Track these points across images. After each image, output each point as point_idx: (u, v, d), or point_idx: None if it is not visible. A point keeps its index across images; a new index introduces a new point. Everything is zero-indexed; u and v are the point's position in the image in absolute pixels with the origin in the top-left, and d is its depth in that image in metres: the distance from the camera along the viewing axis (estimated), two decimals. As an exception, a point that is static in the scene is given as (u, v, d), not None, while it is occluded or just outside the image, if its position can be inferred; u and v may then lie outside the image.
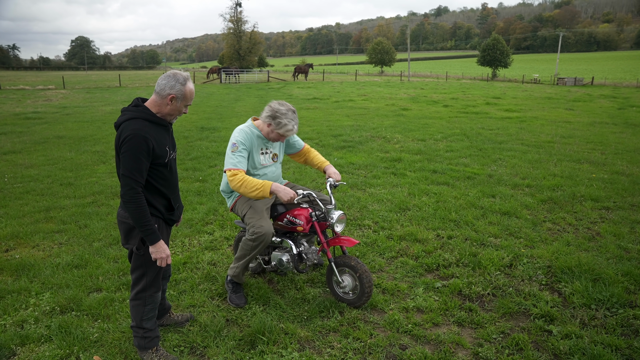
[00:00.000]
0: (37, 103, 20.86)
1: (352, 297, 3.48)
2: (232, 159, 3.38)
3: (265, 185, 3.25)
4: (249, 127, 3.52)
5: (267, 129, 3.46)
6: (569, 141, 10.58)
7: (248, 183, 3.26)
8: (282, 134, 3.44)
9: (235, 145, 3.40)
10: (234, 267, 3.61)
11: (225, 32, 76.64)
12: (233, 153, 3.40)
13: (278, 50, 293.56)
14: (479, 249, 4.51)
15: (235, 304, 3.55)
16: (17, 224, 5.22)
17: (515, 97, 24.56)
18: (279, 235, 3.71)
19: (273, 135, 3.48)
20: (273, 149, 3.66)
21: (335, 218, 3.44)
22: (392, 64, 74.14)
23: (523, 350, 2.99)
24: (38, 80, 45.21)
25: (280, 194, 3.26)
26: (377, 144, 10.22)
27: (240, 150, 3.40)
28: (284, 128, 3.41)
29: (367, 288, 3.36)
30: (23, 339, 3.06)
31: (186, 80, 2.61)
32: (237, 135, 3.46)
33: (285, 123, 3.39)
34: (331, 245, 3.48)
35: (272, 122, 3.41)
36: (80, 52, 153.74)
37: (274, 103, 3.47)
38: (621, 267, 4.03)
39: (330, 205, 3.53)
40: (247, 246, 3.47)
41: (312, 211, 3.50)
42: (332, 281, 3.57)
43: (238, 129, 3.52)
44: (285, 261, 3.58)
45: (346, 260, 3.44)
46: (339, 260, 3.48)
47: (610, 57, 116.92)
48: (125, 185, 2.49)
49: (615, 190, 6.47)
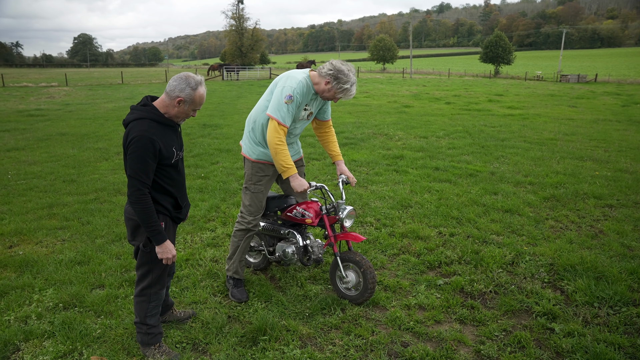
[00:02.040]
0: (40, 100, 20.91)
1: (355, 294, 3.48)
2: (283, 110, 3.18)
3: (290, 170, 3.23)
4: (307, 81, 3.29)
5: (324, 86, 3.25)
6: (571, 138, 10.54)
7: (282, 154, 3.20)
8: (340, 95, 3.25)
9: (291, 97, 3.19)
10: (230, 263, 3.67)
11: (227, 29, 76.63)
12: (287, 104, 3.18)
13: (280, 47, 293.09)
14: (481, 247, 4.51)
15: (237, 298, 3.56)
16: (21, 221, 5.24)
17: (518, 94, 24.49)
18: (287, 226, 3.71)
19: (329, 94, 3.28)
20: (312, 107, 3.45)
21: (345, 213, 3.44)
22: (394, 61, 73.98)
23: (525, 348, 2.99)
24: (41, 77, 45.29)
25: (295, 184, 3.25)
26: (379, 141, 10.20)
27: (294, 104, 3.23)
28: (347, 93, 3.23)
29: (370, 284, 3.37)
30: (27, 335, 3.08)
31: (198, 85, 2.57)
32: (296, 87, 3.22)
33: (348, 88, 3.21)
34: (338, 240, 3.49)
35: (334, 82, 3.21)
36: (83, 49, 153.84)
37: (336, 62, 3.25)
38: (624, 265, 4.02)
39: (340, 201, 3.52)
40: (236, 236, 3.60)
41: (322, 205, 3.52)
42: (335, 276, 3.57)
43: (297, 79, 3.25)
44: (291, 253, 3.60)
45: (351, 256, 3.44)
46: (344, 256, 3.48)
47: (614, 54, 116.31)
48: (132, 187, 2.50)
49: (619, 187, 6.45)
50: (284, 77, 3.32)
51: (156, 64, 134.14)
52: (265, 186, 3.53)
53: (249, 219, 3.54)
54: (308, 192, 3.34)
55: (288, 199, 3.73)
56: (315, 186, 3.37)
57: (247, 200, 3.53)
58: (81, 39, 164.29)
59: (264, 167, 3.47)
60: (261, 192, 3.52)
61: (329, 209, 3.48)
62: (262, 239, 3.90)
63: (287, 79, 3.28)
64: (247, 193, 3.53)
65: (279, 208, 3.72)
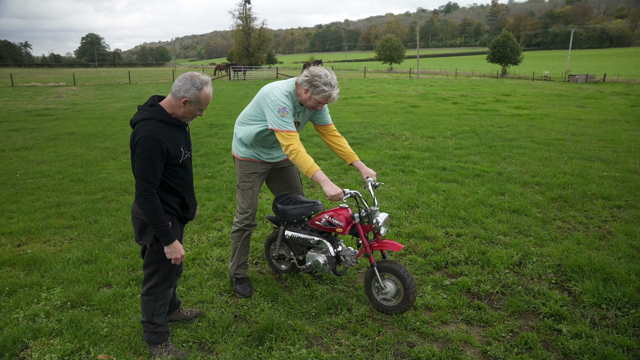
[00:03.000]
0: (49, 100, 21.08)
1: (395, 303, 3.32)
2: (283, 121, 3.20)
3: (312, 168, 3.13)
4: (291, 93, 3.30)
5: (304, 95, 3.25)
6: (579, 139, 10.46)
7: (299, 158, 3.15)
8: (320, 100, 3.21)
9: (285, 110, 3.20)
10: (231, 265, 3.76)
11: (234, 29, 76.88)
12: (283, 118, 3.20)
13: (287, 47, 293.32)
14: (488, 247, 4.49)
15: (241, 294, 3.63)
16: (29, 219, 5.29)
17: (526, 94, 24.33)
18: (316, 234, 3.52)
19: (311, 102, 3.26)
20: (299, 117, 3.46)
21: (381, 221, 3.26)
22: (401, 60, 73.79)
23: (532, 349, 2.97)
24: (49, 77, 45.65)
25: (328, 188, 3.10)
26: (386, 141, 10.18)
27: (290, 115, 3.23)
28: (325, 96, 3.19)
29: (411, 295, 3.22)
30: (35, 333, 3.10)
31: (203, 85, 2.55)
32: (285, 100, 3.24)
33: (325, 90, 3.17)
34: (374, 249, 3.32)
35: (311, 88, 3.19)
36: (91, 49, 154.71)
37: (314, 68, 3.26)
38: (633, 267, 3.98)
39: (374, 207, 3.29)
40: (233, 238, 3.69)
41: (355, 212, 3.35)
42: (371, 287, 3.41)
43: (283, 93, 3.26)
44: (322, 263, 3.43)
45: (391, 266, 3.27)
46: (382, 265, 3.31)
47: (623, 54, 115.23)
48: (140, 187, 2.51)
49: (627, 188, 6.39)
50: (266, 94, 3.28)
51: (163, 64, 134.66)
52: (254, 183, 3.61)
53: (241, 218, 3.62)
54: (343, 199, 3.15)
55: (315, 206, 3.55)
56: (349, 194, 3.16)
57: (239, 198, 3.66)
58: (89, 39, 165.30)
59: (252, 164, 3.60)
60: (250, 189, 3.59)
61: (362, 216, 3.31)
62: (291, 248, 3.69)
63: (271, 93, 3.26)
64: (238, 191, 3.66)
65: (306, 215, 3.55)
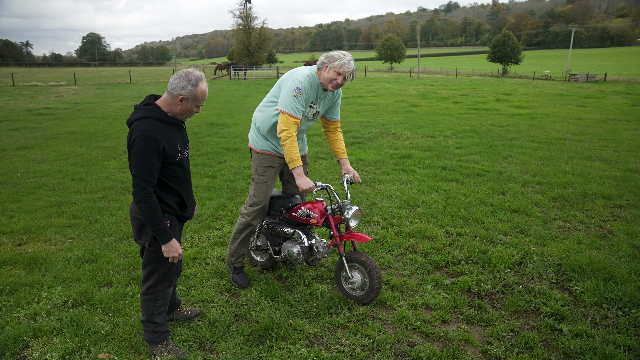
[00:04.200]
0: (49, 99, 21.09)
1: (361, 294, 3.47)
2: (293, 103, 3.25)
3: (295, 162, 3.27)
4: (314, 76, 3.35)
5: (324, 73, 3.30)
6: (580, 138, 10.45)
7: (289, 146, 3.25)
8: (338, 68, 3.23)
9: (299, 90, 3.25)
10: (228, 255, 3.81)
11: (235, 29, 76.78)
12: (295, 98, 3.25)
13: (287, 46, 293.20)
14: (488, 247, 4.48)
15: (239, 284, 3.68)
16: (30, 219, 5.29)
17: (526, 93, 24.32)
18: (292, 226, 3.73)
19: (330, 74, 3.27)
20: (319, 106, 3.52)
21: (351, 213, 3.44)
22: (402, 60, 73.65)
23: (533, 348, 2.97)
24: (50, 76, 45.67)
25: (300, 181, 3.30)
26: (387, 141, 10.18)
27: (303, 97, 3.28)
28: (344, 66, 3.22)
29: (376, 284, 3.36)
30: (36, 332, 3.11)
31: (198, 81, 2.56)
32: (303, 81, 3.29)
33: (344, 60, 3.22)
34: (344, 240, 3.49)
35: (329, 63, 3.25)
36: (92, 48, 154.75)
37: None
38: (634, 266, 3.98)
39: (346, 200, 3.51)
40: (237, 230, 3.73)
41: (327, 205, 3.53)
42: (340, 277, 3.57)
43: (304, 74, 3.33)
44: (296, 253, 3.61)
45: (357, 256, 3.44)
46: (350, 256, 3.47)
47: (624, 53, 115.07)
48: (137, 186, 2.51)
49: (628, 188, 6.39)
50: (290, 73, 3.42)
51: (164, 63, 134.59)
52: (270, 178, 3.61)
53: (250, 210, 3.65)
54: (314, 191, 3.34)
55: (293, 199, 3.75)
56: (320, 186, 3.38)
57: (252, 190, 3.68)
58: (90, 39, 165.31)
59: (269, 158, 3.59)
60: (265, 182, 3.60)
61: (334, 209, 3.49)
62: (268, 239, 3.91)
63: (294, 74, 3.38)
64: (252, 183, 3.67)
65: (284, 207, 3.73)
